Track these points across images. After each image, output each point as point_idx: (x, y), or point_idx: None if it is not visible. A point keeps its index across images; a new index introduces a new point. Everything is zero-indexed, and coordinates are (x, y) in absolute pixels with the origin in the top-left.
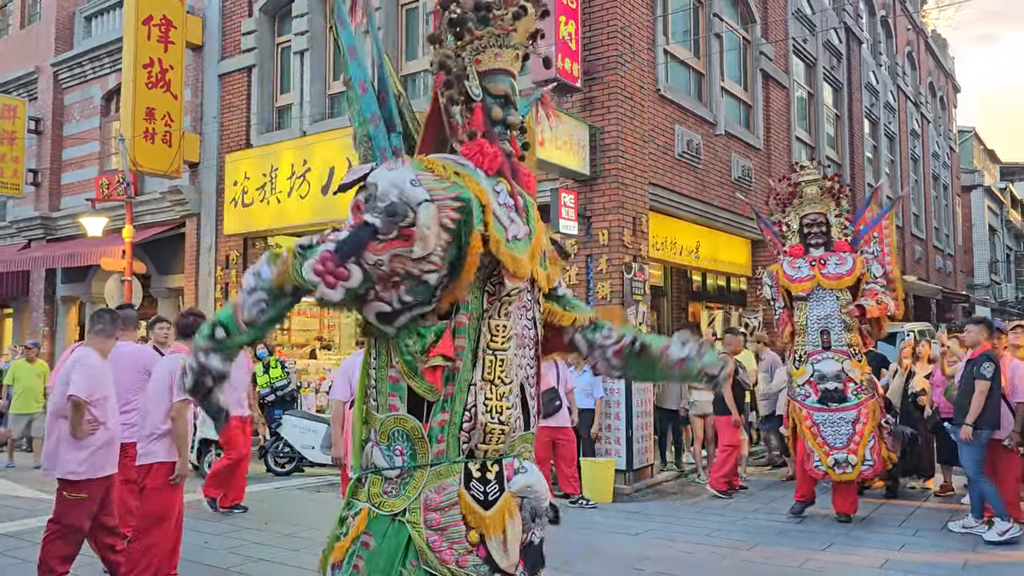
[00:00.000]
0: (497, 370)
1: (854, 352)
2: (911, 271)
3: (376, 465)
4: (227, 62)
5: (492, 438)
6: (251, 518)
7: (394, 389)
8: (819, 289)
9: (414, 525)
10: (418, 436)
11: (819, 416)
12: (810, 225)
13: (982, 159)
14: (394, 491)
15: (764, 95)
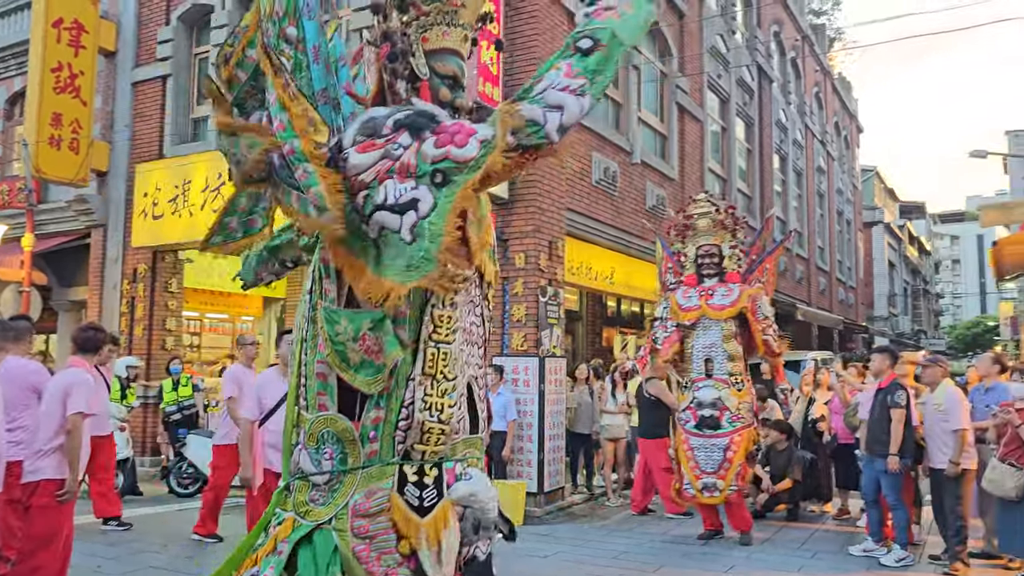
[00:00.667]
0: (440, 364)
1: (735, 381)
2: (815, 302)
3: (303, 470)
4: (141, 70)
5: (430, 438)
6: (149, 541)
7: (323, 387)
8: (705, 319)
9: (341, 533)
10: (349, 438)
11: (695, 441)
12: (704, 256)
13: (883, 197)
14: (321, 498)
15: (679, 127)
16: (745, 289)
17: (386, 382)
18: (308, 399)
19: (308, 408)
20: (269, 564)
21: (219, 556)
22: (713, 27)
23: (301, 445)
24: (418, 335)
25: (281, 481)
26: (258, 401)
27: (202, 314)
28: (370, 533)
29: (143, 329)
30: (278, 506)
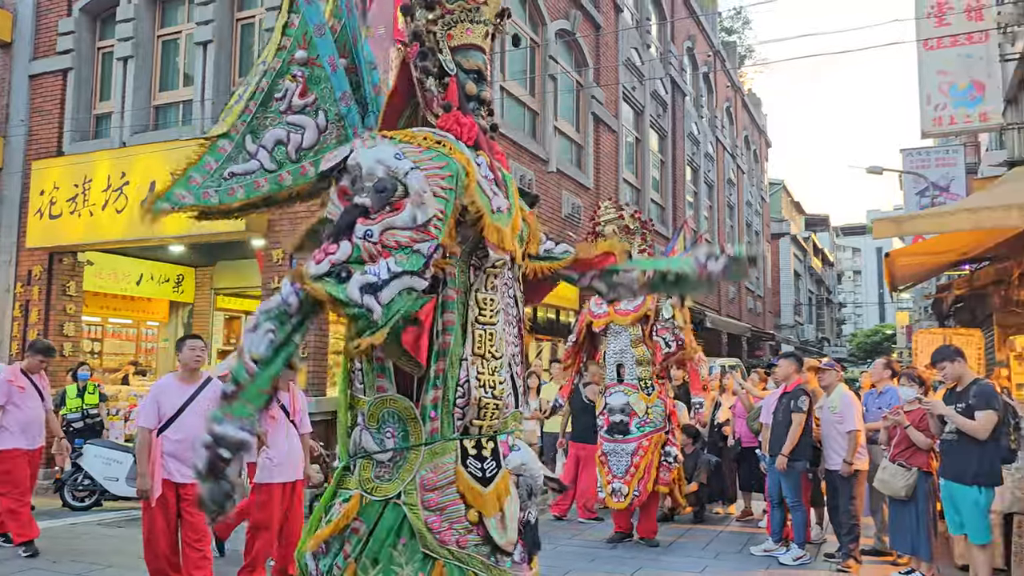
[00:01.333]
0: (487, 344)
1: (644, 386)
2: (725, 310)
3: (366, 449)
4: (40, 62)
5: (487, 413)
6: (40, 557)
7: (380, 370)
8: (613, 325)
9: (411, 507)
10: (410, 416)
11: (607, 446)
12: None
13: (789, 210)
14: (387, 475)
15: (595, 137)
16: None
17: (435, 363)
18: (365, 382)
19: (365, 391)
20: (344, 539)
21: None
22: (628, 40)
23: (361, 426)
24: (465, 317)
25: (339, 461)
26: (157, 408)
27: (104, 319)
28: (440, 504)
29: (38, 334)
30: (339, 486)
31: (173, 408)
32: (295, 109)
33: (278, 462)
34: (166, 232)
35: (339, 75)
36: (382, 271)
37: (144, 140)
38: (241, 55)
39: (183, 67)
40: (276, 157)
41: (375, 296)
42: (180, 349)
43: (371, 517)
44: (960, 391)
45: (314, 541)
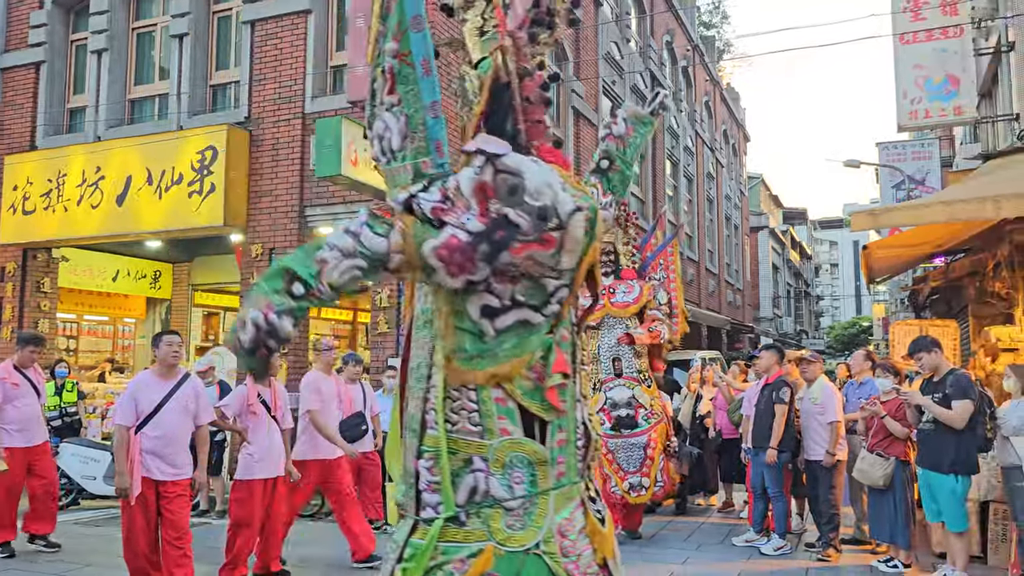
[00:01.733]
0: (586, 385)
1: (644, 378)
2: (705, 304)
3: (495, 497)
4: (11, 55)
5: (595, 454)
6: (16, 558)
7: (503, 412)
8: (609, 317)
9: (551, 556)
10: (539, 460)
11: (612, 443)
12: (600, 254)
13: (768, 203)
14: (518, 523)
15: (575, 131)
16: (645, 285)
17: (562, 406)
18: (483, 424)
19: (484, 433)
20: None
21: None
22: (608, 34)
23: (485, 472)
24: (573, 358)
25: (444, 511)
26: (135, 406)
27: (79, 316)
28: (577, 551)
29: (12, 331)
30: (444, 540)
31: (151, 405)
32: (385, 105)
33: (259, 458)
34: (142, 227)
35: (431, 80)
36: (505, 296)
37: (119, 134)
38: (218, 48)
39: (159, 60)
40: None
41: (492, 321)
42: (157, 345)
43: (510, 571)
44: (937, 381)
45: None
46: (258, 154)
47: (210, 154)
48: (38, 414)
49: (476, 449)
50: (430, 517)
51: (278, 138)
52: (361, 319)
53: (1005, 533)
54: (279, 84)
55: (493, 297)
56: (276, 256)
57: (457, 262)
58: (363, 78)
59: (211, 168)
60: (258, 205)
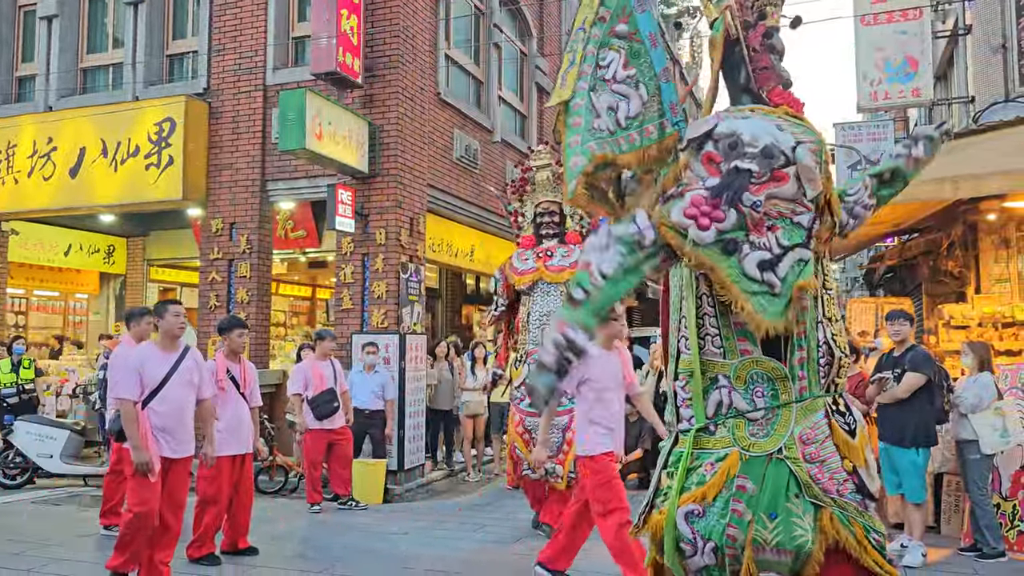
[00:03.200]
0: (832, 308)
1: None
2: None
3: (738, 409)
4: None
5: (842, 371)
6: None
7: (742, 334)
8: (543, 283)
9: (794, 461)
10: (779, 375)
11: (531, 421)
12: (542, 214)
13: None
14: (761, 432)
15: (538, 107)
16: None
17: (799, 323)
18: (724, 346)
19: (725, 354)
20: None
21: (48, 552)
22: (571, 10)
23: (728, 387)
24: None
25: (696, 423)
26: (139, 379)
27: (29, 291)
28: (821, 457)
29: None
30: (697, 447)
31: (156, 379)
32: (619, 79)
33: (227, 435)
34: (97, 201)
35: (659, 52)
36: (773, 246)
37: (72, 104)
38: (175, 16)
39: (112, 28)
40: (608, 122)
41: (773, 271)
42: (162, 315)
43: (756, 473)
44: (898, 356)
45: (690, 500)
46: (217, 126)
47: (168, 126)
48: None
49: (720, 368)
50: (685, 429)
51: (238, 110)
52: (320, 295)
53: (958, 504)
54: (239, 55)
55: (761, 251)
56: (236, 231)
57: (703, 212)
58: (327, 50)
59: (169, 140)
60: (218, 179)
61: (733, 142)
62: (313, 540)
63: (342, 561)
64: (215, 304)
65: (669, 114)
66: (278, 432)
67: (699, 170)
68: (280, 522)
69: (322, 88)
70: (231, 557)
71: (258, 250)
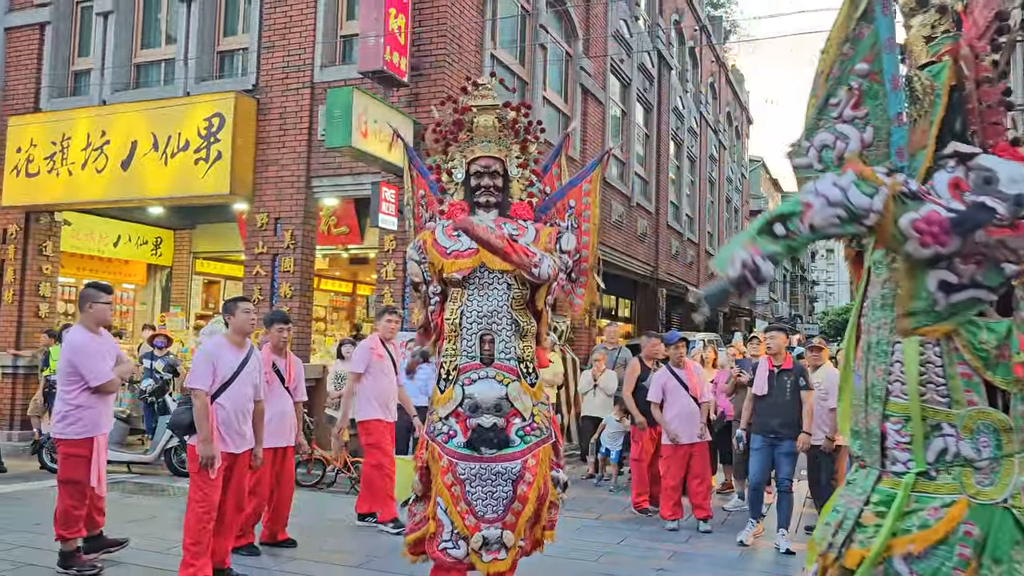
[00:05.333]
0: None
1: (528, 370)
2: (703, 285)
3: (965, 458)
4: (16, 15)
5: None
6: (20, 520)
7: (968, 385)
8: (483, 270)
9: (1020, 509)
10: (1004, 427)
11: (465, 467)
12: (480, 174)
13: (768, 187)
14: (987, 480)
15: (582, 108)
16: (543, 228)
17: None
18: (951, 396)
19: (951, 404)
20: (955, 543)
21: None
22: (617, 12)
23: (955, 436)
24: None
25: (915, 467)
26: (213, 371)
27: (79, 280)
28: None
29: (13, 294)
30: (916, 490)
31: (227, 374)
32: (845, 119)
33: (270, 427)
34: (147, 193)
35: (899, 95)
36: (965, 275)
37: (125, 99)
38: (226, 14)
39: (166, 25)
40: (824, 159)
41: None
42: (232, 312)
43: (983, 520)
44: None
45: (916, 546)
46: (265, 123)
47: (217, 121)
48: None
49: (944, 417)
50: (900, 471)
51: (286, 107)
52: (361, 291)
53: None
54: (288, 52)
55: (953, 275)
56: (281, 226)
57: (933, 233)
58: (374, 49)
59: (218, 135)
60: (264, 174)
61: (989, 177)
62: (350, 533)
63: (379, 555)
64: (258, 298)
65: (895, 158)
66: (317, 426)
67: (941, 191)
68: (318, 515)
69: (368, 86)
70: (270, 548)
71: (302, 245)
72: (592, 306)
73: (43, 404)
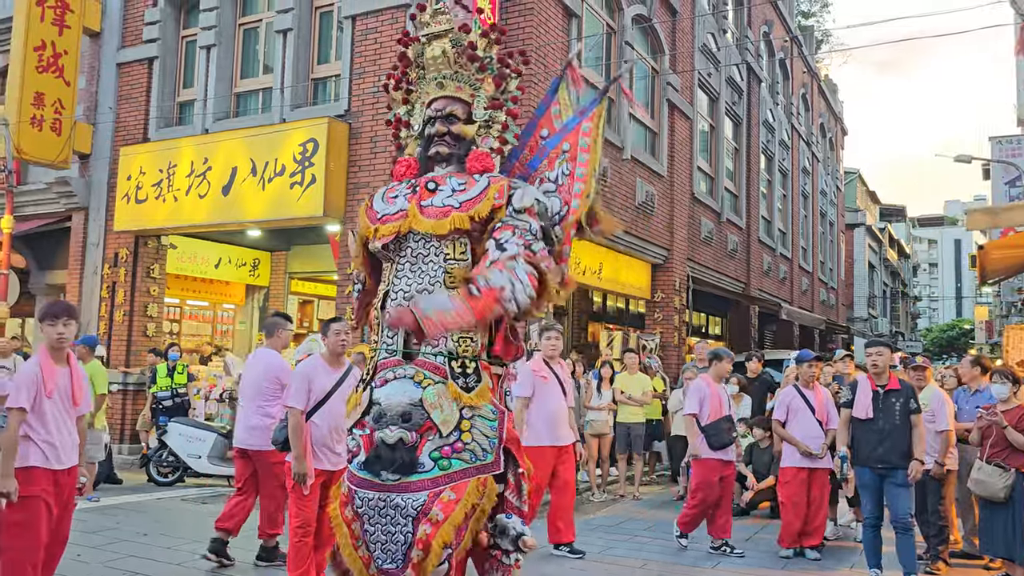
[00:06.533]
0: None
1: (463, 370)
2: (798, 302)
3: None
4: (127, 51)
5: None
6: (129, 529)
7: None
8: (414, 236)
9: None
10: None
11: (362, 496)
12: (432, 120)
13: (864, 199)
14: None
15: (669, 124)
16: (496, 181)
17: None
18: None
19: None
20: None
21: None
22: (704, 26)
23: None
24: None
25: None
26: (308, 390)
27: (183, 301)
28: None
29: (123, 315)
30: None
31: (321, 392)
32: None
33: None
34: (246, 217)
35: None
36: None
37: (226, 127)
38: (319, 43)
39: (263, 55)
40: None
41: None
42: (325, 334)
43: None
44: None
45: None
46: (357, 147)
47: (311, 146)
48: None
49: None
50: None
51: (376, 131)
52: None
53: None
54: (378, 78)
55: None
56: None
57: None
58: None
59: (312, 160)
60: (356, 197)
61: None
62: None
63: None
64: (350, 317)
65: None
66: None
67: None
68: None
69: None
70: None
71: None
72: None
73: (151, 420)
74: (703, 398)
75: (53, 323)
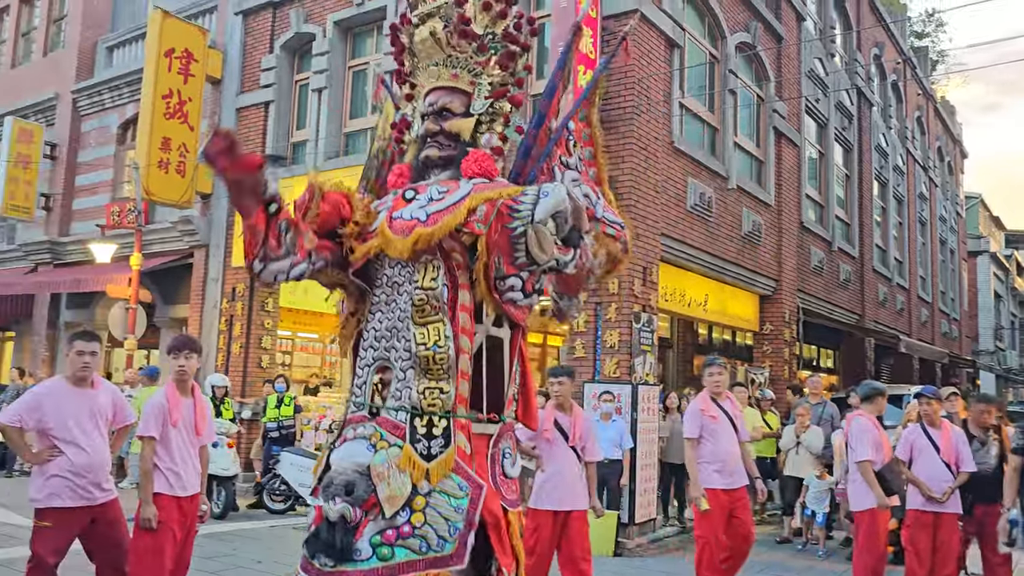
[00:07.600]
0: None
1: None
2: (917, 334)
3: None
4: (245, 96)
5: None
6: (244, 556)
7: None
8: (389, 260)
9: None
10: None
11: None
12: (431, 111)
13: (987, 225)
14: None
15: (776, 152)
16: (482, 189)
17: None
18: None
19: None
20: None
21: None
22: (811, 50)
23: None
24: None
25: None
26: None
27: (294, 333)
28: None
29: (240, 347)
30: None
31: None
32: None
33: (548, 487)
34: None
35: None
36: None
37: (336, 165)
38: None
39: (370, 96)
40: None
41: None
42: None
43: None
44: None
45: None
46: None
47: None
48: None
49: None
50: None
51: None
52: (551, 342)
53: None
54: None
55: None
56: None
57: None
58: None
59: None
60: None
61: None
62: None
63: None
64: None
65: None
66: None
67: None
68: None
69: None
70: None
71: None
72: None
73: (262, 448)
74: (875, 441)
75: (176, 356)
